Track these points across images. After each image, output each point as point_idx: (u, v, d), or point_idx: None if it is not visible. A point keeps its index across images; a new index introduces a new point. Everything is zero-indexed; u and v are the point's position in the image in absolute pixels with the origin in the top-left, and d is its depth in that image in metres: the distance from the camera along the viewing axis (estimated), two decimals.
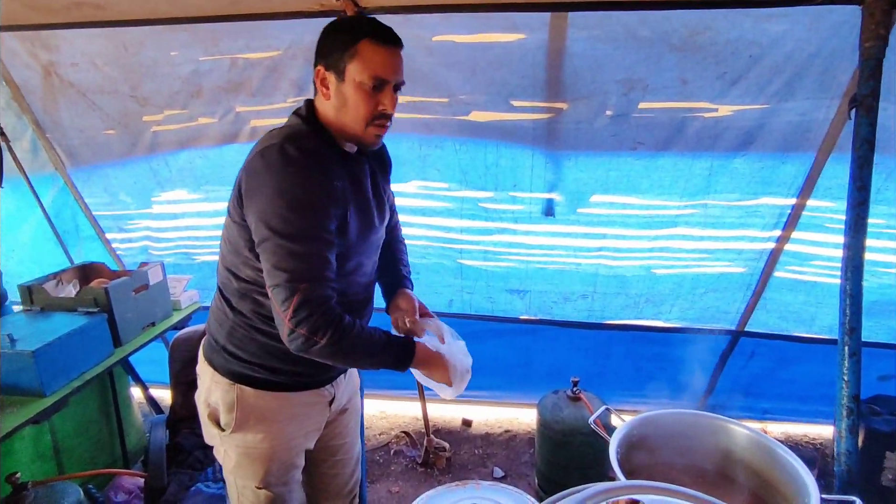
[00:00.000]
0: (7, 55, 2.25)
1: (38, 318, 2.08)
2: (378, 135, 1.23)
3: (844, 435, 1.59)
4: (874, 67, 1.62)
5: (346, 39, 1.16)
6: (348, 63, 1.16)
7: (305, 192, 1.11)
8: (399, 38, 1.22)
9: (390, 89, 1.20)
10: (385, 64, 1.17)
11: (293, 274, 1.10)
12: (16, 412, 1.79)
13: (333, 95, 1.20)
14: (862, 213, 1.61)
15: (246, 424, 1.31)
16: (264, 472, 1.35)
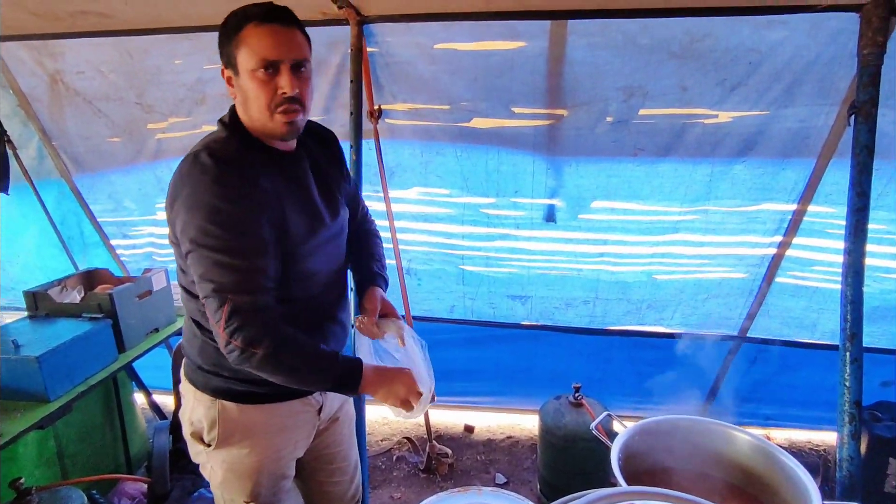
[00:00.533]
0: (14, 63, 2.28)
1: (42, 324, 2.09)
2: (288, 121, 1.13)
3: (846, 441, 1.59)
4: (872, 74, 1.63)
5: (231, 30, 1.11)
6: (237, 54, 1.10)
7: (223, 201, 1.06)
8: (288, 13, 1.13)
9: (287, 70, 1.10)
10: (271, 44, 1.09)
11: (220, 284, 1.07)
12: (20, 417, 1.80)
13: (237, 92, 1.14)
14: (862, 218, 1.62)
15: (230, 440, 1.28)
16: (252, 485, 1.32)
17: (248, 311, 1.07)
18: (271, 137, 1.19)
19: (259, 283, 1.09)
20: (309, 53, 1.17)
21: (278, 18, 1.11)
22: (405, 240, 2.58)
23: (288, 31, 1.12)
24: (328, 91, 2.21)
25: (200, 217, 1.06)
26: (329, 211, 1.29)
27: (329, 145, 1.39)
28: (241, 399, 1.27)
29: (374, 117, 2.18)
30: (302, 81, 1.13)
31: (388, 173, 2.37)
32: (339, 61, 2.14)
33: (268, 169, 1.17)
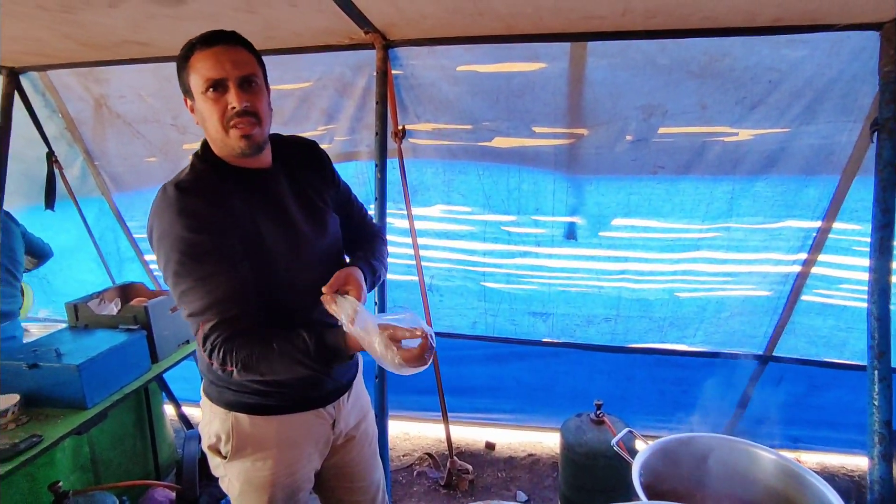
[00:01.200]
0: (63, 90, 2.43)
1: (82, 335, 2.19)
2: (243, 135, 1.16)
3: (877, 462, 1.56)
4: (894, 91, 1.64)
5: (182, 60, 1.16)
6: (189, 80, 1.15)
7: (187, 231, 1.11)
8: (232, 35, 1.17)
9: (234, 86, 1.13)
10: (215, 64, 1.12)
11: (192, 309, 1.13)
12: (60, 423, 1.88)
13: (198, 118, 1.19)
14: (887, 235, 1.61)
15: (243, 452, 1.32)
16: (268, 498, 1.35)
17: (216, 334, 1.13)
18: (237, 156, 1.21)
19: (226, 307, 1.13)
20: (258, 69, 1.20)
21: (221, 40, 1.15)
22: (428, 256, 2.63)
23: (231, 49, 1.15)
24: (354, 112, 2.30)
25: (168, 247, 1.12)
26: (312, 224, 1.32)
27: (311, 156, 1.42)
28: (253, 411, 1.31)
29: (399, 137, 2.25)
30: (253, 94, 1.16)
31: (412, 191, 2.44)
32: (365, 84, 2.22)
33: (240, 189, 1.20)
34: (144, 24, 1.88)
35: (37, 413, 1.93)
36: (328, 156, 1.49)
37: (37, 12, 1.74)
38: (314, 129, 2.37)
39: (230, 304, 1.14)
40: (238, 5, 1.73)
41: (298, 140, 1.44)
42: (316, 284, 1.29)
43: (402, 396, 3.12)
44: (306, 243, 1.30)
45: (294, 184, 1.33)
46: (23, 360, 1.93)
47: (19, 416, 1.89)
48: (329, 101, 2.31)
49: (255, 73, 1.18)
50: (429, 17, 1.81)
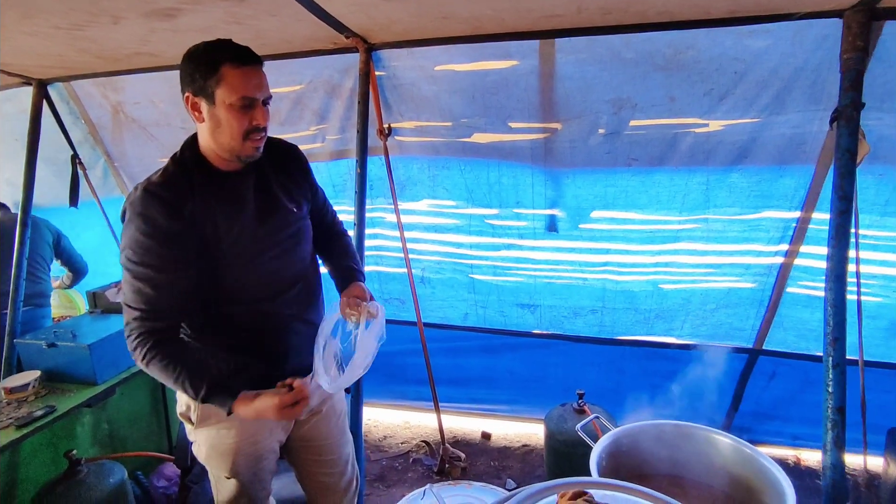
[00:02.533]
0: (85, 98, 2.69)
1: (98, 319, 2.42)
2: (256, 147, 1.31)
3: (829, 448, 1.56)
4: (854, 78, 1.63)
5: (206, 67, 1.24)
6: (215, 88, 1.24)
7: (142, 234, 1.23)
8: (257, 55, 1.29)
9: (260, 105, 1.28)
10: (250, 84, 1.25)
11: (124, 296, 1.28)
12: (73, 396, 2.10)
13: (207, 119, 1.28)
14: (844, 222, 1.61)
15: (208, 421, 1.45)
16: (231, 463, 1.48)
17: (137, 327, 1.26)
18: (234, 159, 1.33)
19: (151, 306, 1.25)
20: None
21: (252, 60, 1.28)
22: (419, 249, 2.74)
23: (260, 72, 1.29)
24: (342, 112, 2.43)
25: (124, 241, 1.26)
26: (275, 220, 1.43)
27: (288, 158, 1.54)
28: None
29: (384, 135, 2.37)
30: (267, 113, 1.32)
31: (400, 187, 2.55)
32: (352, 85, 2.35)
33: (202, 189, 1.31)
34: (148, 38, 2.07)
35: (54, 387, 2.16)
36: (306, 159, 1.60)
37: (53, 31, 1.95)
38: (307, 129, 2.52)
39: (156, 306, 1.26)
40: (227, 18, 1.89)
41: (279, 143, 1.55)
42: (285, 276, 1.44)
43: (402, 387, 3.24)
44: (261, 241, 1.40)
45: (264, 184, 1.43)
46: (43, 340, 2.16)
47: (39, 390, 2.13)
48: (320, 102, 2.46)
49: (271, 96, 1.34)
50: (398, 21, 1.92)
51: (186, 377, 1.29)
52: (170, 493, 2.41)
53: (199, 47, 1.28)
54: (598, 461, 1.65)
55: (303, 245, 1.53)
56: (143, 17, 1.82)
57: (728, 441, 1.69)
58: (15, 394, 2.06)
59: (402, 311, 2.94)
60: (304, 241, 1.53)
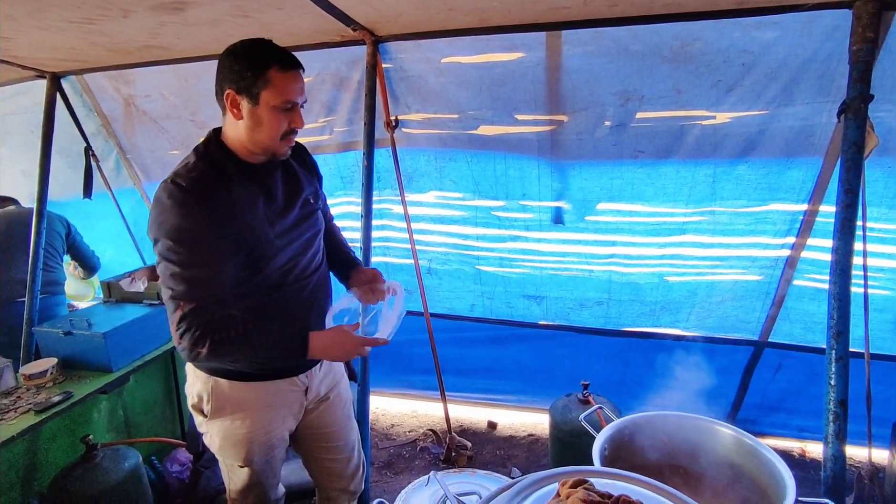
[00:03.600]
0: (97, 91, 2.73)
1: (112, 308, 2.48)
2: (290, 146, 1.39)
3: (831, 440, 1.57)
4: (862, 70, 1.62)
5: (255, 67, 1.26)
6: (262, 90, 1.27)
7: (183, 221, 1.22)
8: (299, 61, 1.34)
9: (298, 108, 1.35)
10: (295, 89, 1.31)
11: (174, 292, 1.25)
12: (88, 382, 2.16)
13: (247, 117, 1.30)
14: (849, 216, 1.61)
15: (222, 411, 1.48)
16: (245, 452, 1.51)
17: (194, 317, 1.24)
18: (263, 155, 1.37)
19: (206, 293, 1.26)
20: None
21: (296, 65, 1.33)
22: (425, 241, 2.76)
23: (301, 76, 1.35)
24: (350, 105, 2.45)
25: (164, 234, 1.24)
26: (296, 210, 1.47)
27: (303, 157, 1.60)
28: (231, 377, 1.46)
29: (391, 127, 2.39)
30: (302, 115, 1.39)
31: (407, 178, 2.57)
32: (360, 77, 2.37)
33: (235, 182, 1.34)
34: (158, 31, 2.09)
35: (71, 374, 2.22)
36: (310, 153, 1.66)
37: (66, 25, 1.98)
38: (315, 122, 2.54)
39: (210, 294, 1.26)
40: (234, 11, 1.91)
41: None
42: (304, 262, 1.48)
43: (410, 376, 3.29)
44: (291, 227, 1.45)
45: (287, 176, 1.49)
46: (60, 328, 2.21)
47: (57, 377, 2.19)
48: (328, 95, 2.47)
49: (307, 99, 1.40)
50: (404, 13, 1.93)
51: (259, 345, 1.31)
52: (183, 478, 2.48)
53: (245, 46, 1.30)
54: (600, 450, 1.67)
55: (320, 235, 1.60)
56: (152, 10, 1.84)
57: (730, 432, 1.70)
58: (33, 380, 2.13)
59: (408, 302, 2.96)
60: (321, 231, 1.60)
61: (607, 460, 1.69)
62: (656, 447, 1.81)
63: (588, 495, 1.00)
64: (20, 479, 2.08)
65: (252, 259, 1.37)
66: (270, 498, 1.65)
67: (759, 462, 1.62)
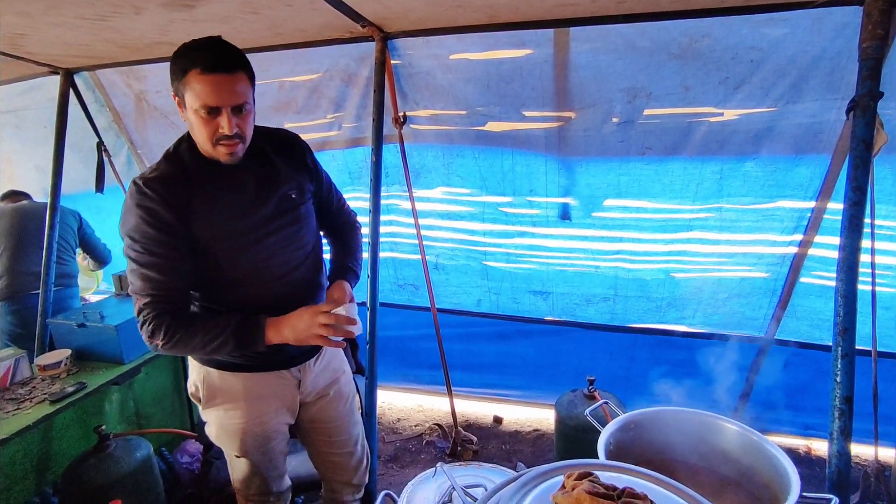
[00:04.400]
0: (109, 86, 2.76)
1: (124, 302, 2.52)
2: (229, 153, 1.31)
3: (836, 437, 1.57)
4: (872, 67, 1.61)
5: (178, 71, 1.24)
6: (184, 93, 1.25)
7: (142, 222, 1.26)
8: (231, 61, 1.24)
9: (227, 113, 1.24)
10: (213, 93, 1.21)
11: (133, 287, 1.31)
12: (102, 374, 2.20)
13: (185, 118, 1.31)
14: (857, 213, 1.60)
15: (214, 401, 1.52)
16: (240, 443, 1.54)
17: (149, 311, 1.30)
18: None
19: (161, 289, 1.30)
20: (250, 91, 1.30)
21: (220, 68, 1.22)
22: (433, 236, 2.78)
23: (230, 78, 1.23)
24: (358, 101, 2.47)
25: (124, 233, 1.30)
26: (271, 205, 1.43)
27: (288, 147, 1.54)
28: (221, 367, 1.50)
29: (399, 123, 2.40)
30: (241, 119, 1.29)
31: (415, 174, 2.59)
32: (368, 74, 2.38)
33: (196, 178, 1.34)
34: (168, 28, 2.12)
35: (84, 365, 2.26)
36: (309, 148, 1.60)
37: (79, 21, 2.01)
38: (323, 118, 2.56)
39: (163, 289, 1.30)
40: (244, 8, 1.93)
41: (279, 132, 1.56)
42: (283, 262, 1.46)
43: (416, 371, 3.31)
44: (262, 226, 1.41)
45: (263, 171, 1.44)
46: (74, 321, 2.25)
47: (70, 368, 2.23)
48: (336, 90, 2.49)
49: (248, 100, 1.28)
50: (413, 10, 1.94)
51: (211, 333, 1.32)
52: (192, 469, 2.52)
53: (180, 48, 1.28)
54: (605, 445, 1.68)
55: (304, 230, 1.53)
56: (163, 7, 1.86)
57: (735, 428, 1.71)
58: (48, 371, 2.17)
59: (416, 297, 3.00)
60: (305, 226, 1.53)
61: (612, 455, 1.71)
62: (661, 442, 1.82)
63: (593, 487, 1.01)
64: (34, 468, 2.13)
65: (221, 253, 1.37)
66: (273, 489, 1.67)
67: (763, 458, 1.63)
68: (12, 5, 1.76)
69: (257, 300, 1.44)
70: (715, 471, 1.76)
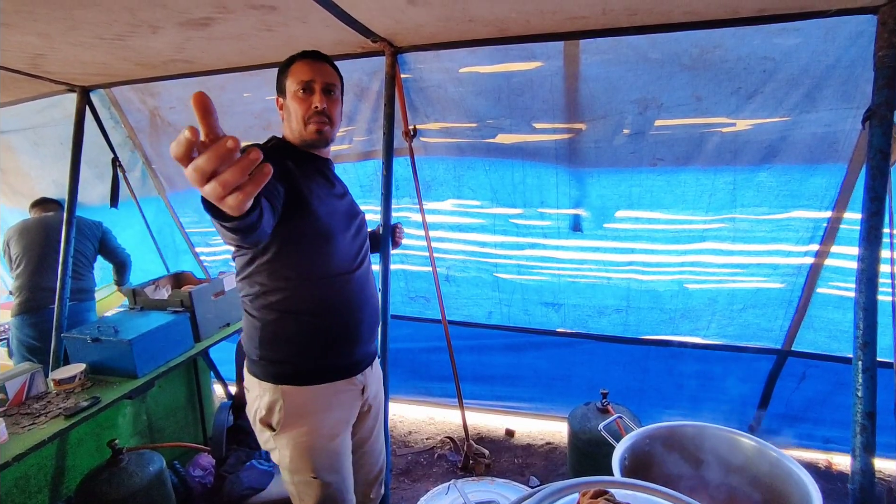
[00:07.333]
0: (124, 103, 2.80)
1: (137, 315, 2.54)
2: (318, 130, 1.47)
3: (858, 453, 1.54)
4: (888, 76, 1.60)
5: (284, 66, 1.52)
6: (286, 82, 1.49)
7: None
8: (321, 54, 1.52)
9: (319, 89, 1.47)
10: (309, 71, 1.47)
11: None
12: (116, 388, 2.21)
13: (284, 112, 1.52)
14: (876, 224, 1.58)
15: (292, 419, 1.45)
16: (313, 461, 1.47)
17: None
18: (308, 146, 1.52)
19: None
20: (338, 81, 1.55)
21: (313, 56, 1.52)
22: (444, 248, 2.78)
23: (321, 64, 1.51)
24: (370, 114, 2.48)
25: None
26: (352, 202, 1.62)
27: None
28: (297, 381, 1.46)
29: (409, 136, 2.41)
30: (331, 102, 1.50)
31: (425, 187, 2.60)
32: (379, 88, 2.39)
33: (298, 162, 1.46)
34: (184, 45, 2.15)
35: (98, 379, 2.27)
36: None
37: (97, 41, 2.05)
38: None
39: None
40: (259, 26, 1.95)
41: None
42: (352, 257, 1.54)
43: (427, 383, 3.30)
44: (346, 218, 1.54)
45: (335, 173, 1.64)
46: (88, 335, 2.27)
47: (85, 382, 2.24)
48: (348, 104, 2.51)
49: (336, 85, 1.53)
50: (425, 25, 1.96)
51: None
52: (205, 482, 2.52)
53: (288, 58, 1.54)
54: (620, 461, 1.66)
55: (366, 232, 1.67)
56: (180, 26, 1.89)
57: (752, 443, 1.68)
58: (63, 385, 2.19)
59: (427, 309, 2.99)
60: (366, 229, 1.68)
61: (627, 470, 1.68)
62: (677, 458, 1.79)
63: None
64: (49, 483, 2.14)
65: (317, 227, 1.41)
66: None
67: (783, 474, 1.60)
68: (34, 27, 1.80)
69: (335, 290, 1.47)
70: (733, 487, 1.73)
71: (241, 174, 0.67)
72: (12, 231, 3.06)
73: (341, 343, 1.51)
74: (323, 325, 1.48)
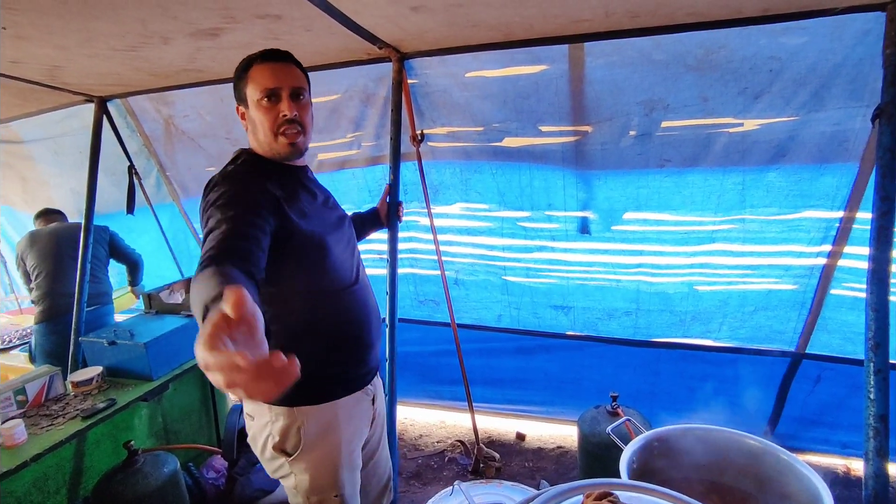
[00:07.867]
0: (140, 112, 2.88)
1: (152, 319, 2.59)
2: (290, 142, 1.31)
3: (871, 457, 1.51)
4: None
5: (240, 71, 1.33)
6: (246, 90, 1.31)
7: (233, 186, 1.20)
8: (285, 53, 1.33)
9: (286, 96, 1.29)
10: (271, 76, 1.28)
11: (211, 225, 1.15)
12: (131, 390, 2.26)
13: (248, 123, 1.34)
14: (886, 224, 1.56)
15: (313, 439, 1.37)
16: (339, 478, 1.41)
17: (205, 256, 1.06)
18: (281, 159, 1.37)
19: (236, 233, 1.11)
20: (306, 85, 1.37)
21: (276, 57, 1.32)
22: (452, 252, 2.79)
23: (285, 66, 1.32)
24: (377, 120, 2.51)
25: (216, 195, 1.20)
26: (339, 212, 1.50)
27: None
28: (312, 401, 1.38)
29: (417, 141, 2.44)
30: (301, 107, 1.33)
31: (433, 191, 2.61)
32: (386, 93, 2.42)
33: (274, 177, 1.31)
34: (195, 55, 2.20)
35: (115, 382, 2.33)
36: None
37: (111, 52, 2.11)
38: (343, 137, 2.62)
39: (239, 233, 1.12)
40: (266, 34, 2.00)
41: None
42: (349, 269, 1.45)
43: (437, 386, 3.31)
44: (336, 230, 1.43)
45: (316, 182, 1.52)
46: (105, 339, 2.33)
47: (101, 384, 2.30)
48: (356, 110, 2.54)
49: (305, 88, 1.36)
50: (429, 31, 1.98)
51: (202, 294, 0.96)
52: (218, 484, 2.55)
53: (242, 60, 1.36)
54: (628, 463, 1.65)
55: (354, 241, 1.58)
56: (189, 36, 1.94)
57: (764, 447, 1.66)
58: (81, 387, 2.24)
59: (436, 313, 3.01)
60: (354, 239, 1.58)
61: (635, 473, 1.67)
62: (686, 461, 1.78)
63: None
64: (67, 483, 2.19)
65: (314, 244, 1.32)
66: None
67: (794, 478, 1.57)
68: (51, 40, 1.86)
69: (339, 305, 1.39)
70: (743, 491, 1.70)
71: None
72: (24, 244, 3.16)
73: (358, 350, 1.47)
74: (339, 335, 1.43)
